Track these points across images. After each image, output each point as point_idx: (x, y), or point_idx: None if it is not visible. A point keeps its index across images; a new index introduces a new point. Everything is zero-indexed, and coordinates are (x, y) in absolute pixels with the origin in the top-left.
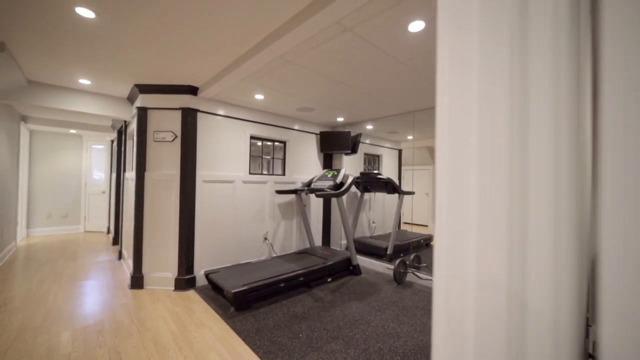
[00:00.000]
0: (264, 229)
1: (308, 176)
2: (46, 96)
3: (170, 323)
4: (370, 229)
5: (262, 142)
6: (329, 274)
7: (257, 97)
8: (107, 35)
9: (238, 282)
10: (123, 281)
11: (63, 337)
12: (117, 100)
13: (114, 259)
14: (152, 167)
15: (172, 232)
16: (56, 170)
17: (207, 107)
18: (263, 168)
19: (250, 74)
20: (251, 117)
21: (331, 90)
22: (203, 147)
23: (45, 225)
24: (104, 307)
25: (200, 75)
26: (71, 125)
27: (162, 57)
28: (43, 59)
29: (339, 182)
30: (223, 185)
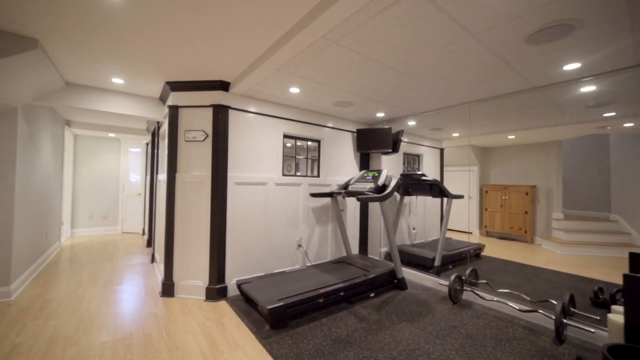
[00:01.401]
0: (298, 234)
1: (344, 178)
2: (83, 98)
3: (201, 341)
4: (410, 236)
5: (295, 141)
6: (371, 288)
7: (292, 90)
8: (134, 24)
9: (273, 295)
10: (154, 287)
11: (91, 353)
12: (150, 100)
13: (147, 262)
14: (183, 168)
15: (203, 237)
16: (97, 173)
17: (239, 103)
18: (296, 169)
19: (287, 61)
20: (284, 114)
21: (377, 78)
22: (234, 147)
23: (87, 226)
24: (134, 317)
25: (231, 68)
26: (110, 129)
27: (191, 47)
28: (75, 54)
29: (380, 185)
30: (255, 187)
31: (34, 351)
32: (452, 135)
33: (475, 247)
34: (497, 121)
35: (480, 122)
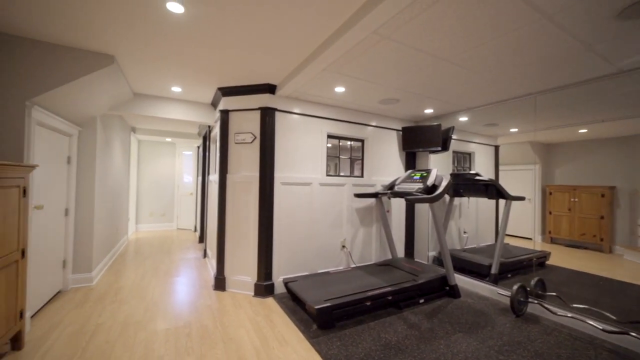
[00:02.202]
0: (342, 235)
1: (388, 178)
2: (147, 106)
3: (252, 335)
4: (461, 240)
5: (339, 141)
6: (420, 294)
7: (338, 89)
8: (192, 35)
9: (320, 295)
10: (207, 281)
11: (158, 337)
12: (203, 105)
13: (200, 256)
14: (233, 169)
15: (252, 235)
16: (156, 175)
17: (285, 105)
18: (340, 169)
19: (334, 60)
20: (328, 114)
21: (428, 72)
22: (280, 148)
23: (148, 222)
24: (191, 308)
25: (279, 71)
26: (167, 134)
27: (242, 53)
28: (142, 67)
29: (430, 185)
30: (300, 187)
31: (112, 331)
32: (510, 131)
33: (538, 254)
34: (566, 113)
35: (545, 114)
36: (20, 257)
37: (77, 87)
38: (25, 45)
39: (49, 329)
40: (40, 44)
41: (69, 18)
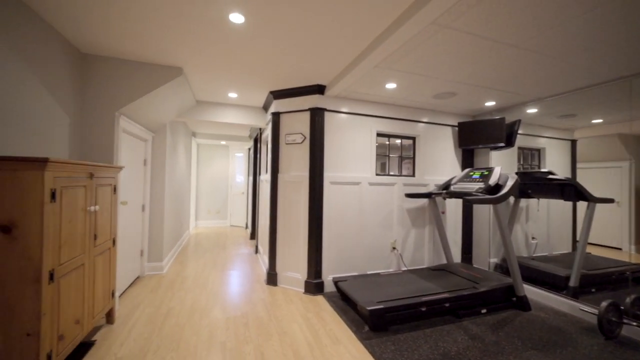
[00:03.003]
0: (392, 236)
1: (443, 177)
2: (207, 112)
3: (305, 330)
4: (528, 247)
5: (389, 139)
6: (482, 304)
7: (388, 86)
8: (249, 43)
9: (371, 297)
10: (260, 275)
11: (219, 324)
12: (255, 109)
13: (252, 252)
14: (284, 169)
15: (302, 233)
16: (212, 175)
17: (333, 105)
18: (390, 168)
19: (387, 55)
20: (377, 111)
21: (491, 61)
22: (329, 148)
23: (206, 218)
24: (247, 300)
25: (329, 71)
26: (222, 138)
27: (294, 56)
28: (204, 76)
29: (492, 184)
30: (349, 187)
31: (181, 315)
32: (591, 122)
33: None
34: None
35: None
36: (112, 245)
37: (153, 97)
38: (114, 64)
39: (132, 308)
40: (125, 62)
41: (147, 38)
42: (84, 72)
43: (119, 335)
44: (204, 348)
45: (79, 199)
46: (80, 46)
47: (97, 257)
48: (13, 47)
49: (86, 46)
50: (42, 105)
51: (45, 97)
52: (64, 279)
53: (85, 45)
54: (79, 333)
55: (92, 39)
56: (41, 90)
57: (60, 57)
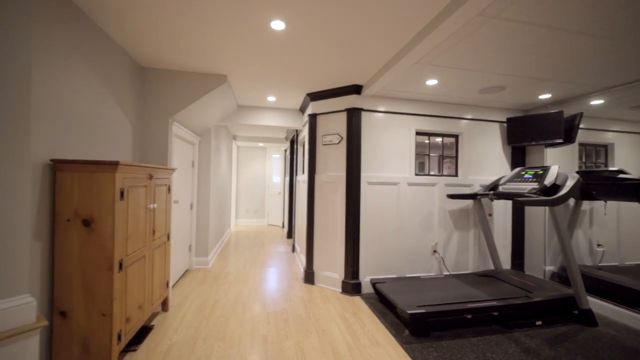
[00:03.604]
0: (433, 239)
1: (490, 177)
2: (247, 116)
3: (343, 330)
4: (593, 255)
5: (429, 137)
6: (537, 315)
7: (429, 82)
8: (287, 47)
9: (412, 300)
10: (297, 274)
11: (261, 318)
12: (292, 111)
13: (289, 251)
14: (320, 170)
15: (339, 233)
16: (250, 176)
17: (370, 104)
18: (430, 168)
19: (429, 51)
20: (416, 109)
21: (549, 49)
22: (366, 147)
23: (245, 217)
24: (286, 297)
25: (366, 71)
26: (259, 140)
27: (331, 57)
28: (246, 82)
29: (548, 184)
30: (387, 187)
31: (226, 308)
32: None
33: None
34: None
35: None
36: (167, 240)
37: (201, 104)
38: (168, 75)
39: (183, 298)
40: (177, 73)
41: (196, 51)
42: (143, 84)
43: (173, 322)
44: (248, 340)
45: (141, 198)
46: (141, 61)
47: (155, 250)
48: (94, 69)
49: (145, 61)
50: (113, 116)
51: (115, 109)
52: (130, 268)
53: (145, 61)
54: (141, 317)
55: (151, 55)
56: (112, 103)
57: (126, 72)
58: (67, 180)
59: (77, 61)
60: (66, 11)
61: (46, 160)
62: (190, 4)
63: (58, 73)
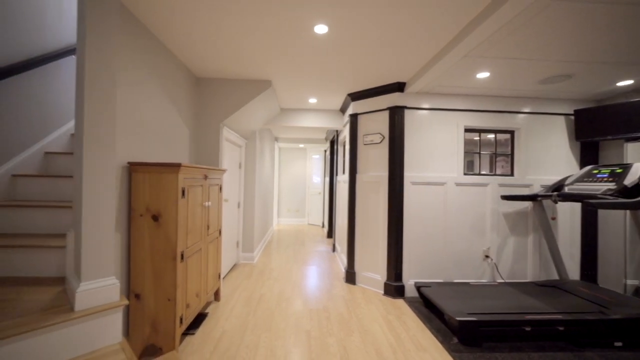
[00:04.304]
0: (484, 243)
1: (552, 176)
2: (289, 118)
3: (386, 332)
4: None
5: (480, 134)
6: (615, 334)
7: (480, 76)
8: (329, 50)
9: (461, 307)
10: (338, 273)
11: (303, 314)
12: (332, 112)
13: (329, 250)
14: (362, 170)
15: (381, 234)
16: (291, 176)
17: (414, 102)
18: (481, 167)
19: (479, 43)
20: (465, 105)
21: (629, 29)
22: (410, 146)
23: (286, 216)
24: (327, 295)
25: (409, 67)
26: (300, 141)
27: (373, 56)
28: (289, 86)
29: (629, 185)
30: (432, 187)
31: (271, 302)
32: None
33: None
34: None
35: None
36: (219, 235)
37: (247, 108)
38: (218, 83)
39: (232, 290)
40: (226, 81)
41: (245, 59)
42: (198, 92)
43: (224, 312)
44: (292, 333)
45: (198, 196)
46: (196, 72)
47: (209, 244)
48: (159, 81)
49: (200, 72)
50: (174, 122)
51: (176, 116)
52: (190, 259)
53: (200, 71)
54: (198, 305)
55: (205, 66)
56: (174, 111)
57: (185, 83)
58: (140, 180)
59: (146, 75)
60: (138, 30)
61: (124, 163)
62: (241, 18)
63: (133, 87)
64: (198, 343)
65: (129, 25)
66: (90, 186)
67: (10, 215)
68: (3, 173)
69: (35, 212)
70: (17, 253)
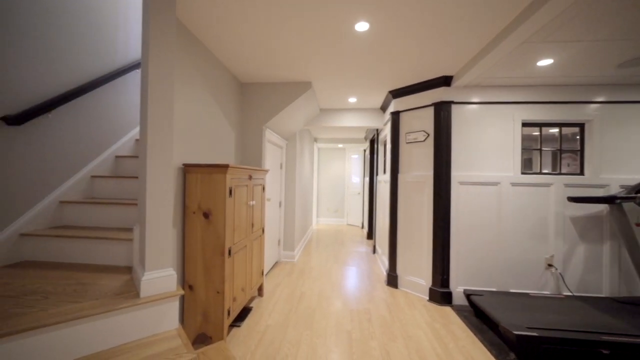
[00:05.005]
0: (547, 250)
1: (636, 175)
2: (329, 118)
3: (432, 340)
4: None
5: (541, 129)
6: None
7: (542, 63)
8: (369, 48)
9: (519, 320)
10: (379, 275)
11: (344, 315)
12: (373, 111)
13: (369, 251)
14: (404, 169)
15: (425, 237)
16: (330, 176)
17: (462, 96)
18: (543, 165)
19: (542, 26)
20: (522, 96)
21: None
22: (457, 144)
23: (325, 216)
24: (368, 297)
25: (457, 60)
26: (339, 141)
27: (416, 50)
28: (329, 86)
29: None
30: (483, 187)
31: (312, 300)
32: None
33: None
34: None
35: None
36: (262, 233)
37: (288, 110)
38: (261, 87)
39: (274, 287)
40: (268, 84)
41: (286, 63)
42: (242, 97)
43: (267, 307)
44: (332, 333)
45: (243, 195)
46: (241, 78)
47: (253, 242)
48: (209, 88)
49: (245, 77)
50: (221, 126)
51: (223, 120)
52: (236, 255)
53: (244, 77)
54: (243, 299)
55: (249, 72)
56: (221, 116)
57: (231, 89)
58: (192, 180)
59: (198, 84)
60: (190, 42)
61: (180, 165)
62: (282, 21)
63: (186, 95)
64: (244, 335)
65: (182, 38)
66: (152, 186)
67: (90, 211)
68: (84, 175)
69: (109, 209)
70: (95, 244)
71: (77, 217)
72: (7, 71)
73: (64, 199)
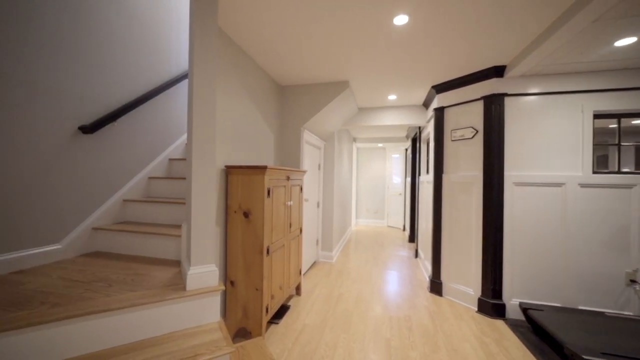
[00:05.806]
0: (627, 263)
1: None
2: (368, 117)
3: (482, 357)
4: None
5: (619, 120)
6: None
7: (620, 43)
8: (411, 39)
9: (589, 342)
10: (421, 281)
11: (383, 320)
12: (414, 108)
13: (411, 255)
14: (449, 169)
15: (474, 242)
16: (370, 176)
17: (517, 87)
18: (621, 163)
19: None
20: (593, 84)
21: None
22: (511, 140)
23: (364, 217)
24: (409, 303)
25: (510, 47)
26: (379, 140)
27: (462, 41)
28: (367, 85)
29: None
30: (545, 189)
31: (349, 302)
32: None
33: None
34: None
35: None
36: (299, 233)
37: (326, 111)
38: (299, 89)
39: (312, 287)
40: (306, 86)
41: (323, 64)
42: (281, 100)
43: (305, 306)
44: (370, 339)
45: (281, 196)
46: (280, 82)
47: (291, 241)
48: (249, 93)
49: (284, 81)
50: (261, 128)
51: (262, 123)
52: (274, 254)
53: (283, 80)
54: (281, 297)
55: (288, 75)
56: (261, 119)
57: (271, 93)
58: (234, 181)
59: (238, 88)
60: (231, 49)
61: (222, 166)
62: (320, 20)
63: (228, 100)
64: (281, 333)
65: (224, 46)
66: (197, 186)
67: (147, 209)
68: (143, 176)
69: (162, 207)
70: (150, 238)
71: (137, 214)
72: (82, 86)
73: (126, 197)
